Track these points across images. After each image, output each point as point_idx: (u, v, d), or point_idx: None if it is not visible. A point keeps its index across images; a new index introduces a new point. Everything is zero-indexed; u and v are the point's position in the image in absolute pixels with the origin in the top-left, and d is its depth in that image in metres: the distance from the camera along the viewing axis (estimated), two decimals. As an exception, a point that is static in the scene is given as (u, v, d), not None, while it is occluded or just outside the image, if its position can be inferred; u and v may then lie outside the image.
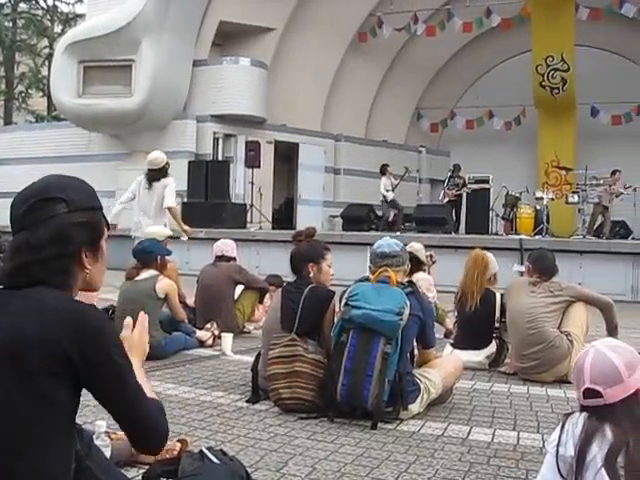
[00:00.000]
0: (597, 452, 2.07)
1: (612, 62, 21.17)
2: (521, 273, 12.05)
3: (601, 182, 15.47)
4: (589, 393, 2.17)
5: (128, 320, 2.10)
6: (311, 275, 4.57)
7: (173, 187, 8.41)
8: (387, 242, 4.32)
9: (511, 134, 22.14)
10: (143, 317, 2.14)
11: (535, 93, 19.22)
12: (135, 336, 2.07)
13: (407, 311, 3.95)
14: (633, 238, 15.28)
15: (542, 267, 5.46)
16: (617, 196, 15.54)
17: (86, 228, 1.84)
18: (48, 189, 1.84)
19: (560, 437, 2.19)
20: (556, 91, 18.78)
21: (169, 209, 8.41)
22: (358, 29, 20.46)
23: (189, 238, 9.18)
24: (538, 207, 15.76)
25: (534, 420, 4.27)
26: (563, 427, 2.20)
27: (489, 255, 5.90)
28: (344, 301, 4.08)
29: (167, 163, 8.49)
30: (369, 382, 3.88)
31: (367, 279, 4.21)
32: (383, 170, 16.76)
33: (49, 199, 1.81)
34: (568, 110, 19.48)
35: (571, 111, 19.68)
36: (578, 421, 2.18)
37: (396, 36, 20.47)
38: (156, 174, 8.35)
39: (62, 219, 1.79)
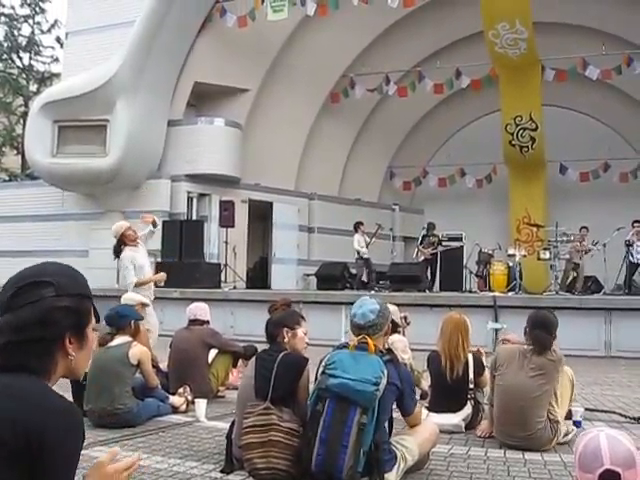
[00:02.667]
0: None
1: (579, 121, 21.77)
2: (496, 330, 12.19)
3: (571, 238, 15.69)
4: (608, 475, 2.13)
5: (115, 450, 1.99)
6: (286, 340, 4.55)
7: (125, 263, 8.03)
8: (362, 311, 4.21)
9: (483, 192, 22.49)
10: (134, 460, 1.96)
11: (505, 151, 19.58)
12: (109, 471, 1.87)
13: (384, 380, 3.92)
14: (605, 293, 15.42)
15: (535, 337, 5.19)
16: (586, 252, 15.76)
17: (72, 313, 1.82)
18: (39, 274, 1.83)
19: None
20: (525, 149, 19.16)
21: (136, 285, 8.02)
22: (331, 90, 20.81)
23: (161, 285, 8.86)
24: (511, 264, 15.90)
25: (512, 486, 4.24)
26: None
27: (465, 317, 5.90)
28: (321, 369, 4.05)
29: (124, 235, 8.14)
30: (344, 452, 3.83)
31: (345, 346, 4.19)
32: (356, 227, 16.88)
33: (38, 282, 1.80)
34: (538, 168, 19.85)
35: (541, 169, 20.05)
36: None
37: (368, 96, 20.86)
38: (114, 249, 8.22)
39: (48, 302, 1.78)
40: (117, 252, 8.20)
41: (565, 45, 18.87)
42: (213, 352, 7.09)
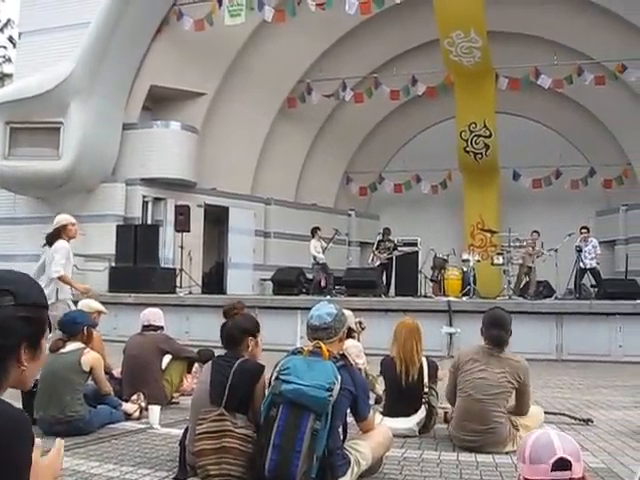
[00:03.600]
0: None
1: (532, 129, 22.17)
2: (450, 335, 12.35)
3: (524, 244, 15.98)
4: (561, 464, 2.19)
5: (60, 443, 1.98)
6: (249, 349, 4.55)
7: (63, 253, 7.65)
8: (319, 313, 4.27)
9: (438, 197, 22.73)
10: (61, 444, 1.98)
11: (460, 158, 19.84)
12: (44, 462, 1.85)
13: (338, 386, 3.93)
14: (556, 298, 15.70)
15: (492, 336, 5.32)
16: (538, 257, 16.06)
17: (30, 324, 1.78)
18: None
19: None
20: (479, 156, 19.43)
21: (59, 279, 7.62)
22: (288, 95, 20.83)
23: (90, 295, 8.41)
24: (465, 269, 16.11)
25: (464, 489, 4.30)
26: None
27: (418, 322, 5.97)
28: (275, 374, 4.05)
29: (66, 227, 7.81)
30: (297, 458, 3.83)
31: (299, 351, 4.20)
32: (313, 232, 16.91)
33: None
34: (491, 174, 20.15)
35: (494, 175, 20.35)
36: None
37: (325, 102, 20.93)
38: (50, 236, 7.85)
39: (7, 311, 1.74)
40: (51, 241, 7.80)
41: (518, 54, 19.20)
42: (167, 358, 7.04)
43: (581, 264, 15.95)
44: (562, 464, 2.19)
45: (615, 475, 4.56)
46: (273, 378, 4.05)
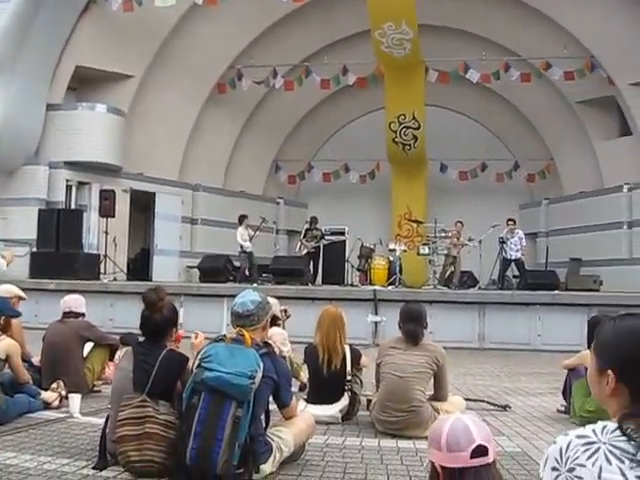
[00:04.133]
0: None
1: (460, 122, 22.55)
2: (376, 323, 12.48)
3: (449, 234, 16.26)
4: (479, 450, 2.23)
5: None
6: (173, 339, 4.52)
7: None
8: (242, 301, 4.27)
9: (366, 187, 22.91)
10: None
11: (388, 149, 20.03)
12: None
13: (260, 374, 3.94)
14: (480, 288, 16.05)
15: (407, 331, 5.50)
16: (462, 247, 16.39)
17: None
18: None
19: None
20: (408, 147, 19.67)
21: None
22: (218, 80, 20.61)
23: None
24: (391, 258, 16.30)
25: (384, 473, 4.35)
26: None
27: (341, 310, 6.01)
28: (197, 362, 4.02)
29: None
30: (219, 446, 3.82)
31: (222, 339, 4.18)
32: (240, 220, 16.80)
33: None
34: (419, 165, 20.42)
35: (422, 166, 20.63)
36: None
37: (255, 89, 20.81)
38: None
39: None
40: None
41: (448, 48, 19.49)
42: (89, 346, 6.90)
43: (506, 255, 16.33)
44: (480, 451, 2.23)
45: (529, 458, 4.72)
46: (195, 366, 4.02)
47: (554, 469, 1.85)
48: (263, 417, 4.16)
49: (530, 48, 19.66)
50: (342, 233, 18.00)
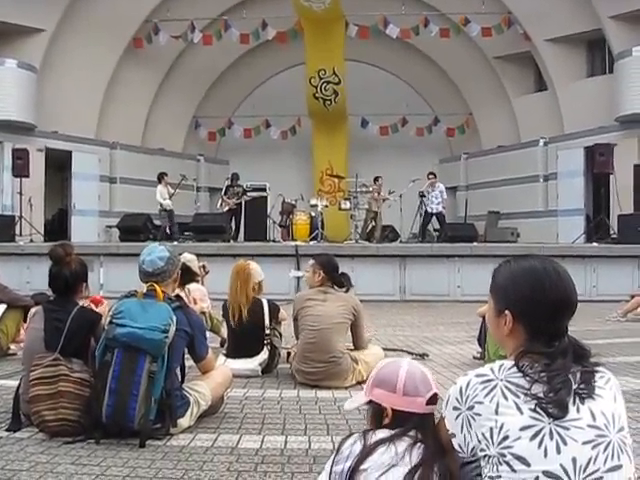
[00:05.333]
0: (402, 457, 2.12)
1: (380, 77, 22.58)
2: (298, 279, 12.53)
3: (370, 189, 16.38)
4: (434, 398, 2.30)
5: None
6: (84, 295, 4.42)
7: None
8: (150, 258, 4.19)
9: (287, 143, 22.80)
10: None
11: (309, 104, 19.94)
12: None
13: (173, 328, 3.91)
14: (401, 241, 16.28)
15: (336, 278, 5.66)
16: (384, 201, 16.54)
17: None
18: None
19: (335, 457, 2.22)
20: (328, 102, 19.62)
21: None
22: (134, 34, 20.02)
23: None
24: (313, 214, 16.34)
25: (302, 423, 4.41)
26: (339, 448, 2.23)
27: (252, 265, 5.99)
28: (109, 319, 3.95)
29: None
30: (135, 401, 3.80)
31: (133, 294, 4.11)
32: (160, 178, 16.50)
33: None
34: (340, 121, 20.42)
35: (343, 122, 20.64)
36: (358, 441, 2.21)
37: (173, 43, 20.32)
38: None
39: None
40: None
41: (368, 3, 19.36)
42: (2, 308, 6.70)
43: (427, 209, 16.58)
44: (434, 399, 2.29)
45: (442, 401, 4.83)
46: (107, 322, 3.95)
47: (455, 408, 1.91)
48: (179, 371, 4.14)
49: (449, 3, 19.77)
50: (263, 189, 17.91)
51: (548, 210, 19.31)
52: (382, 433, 2.22)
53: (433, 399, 2.29)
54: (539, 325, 1.88)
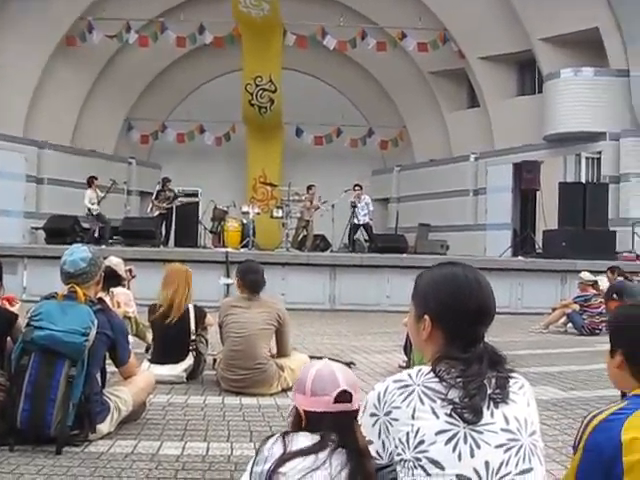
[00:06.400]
0: (322, 463, 2.09)
1: (316, 87, 22.66)
2: (227, 285, 12.44)
3: (302, 198, 16.42)
4: (343, 396, 2.21)
5: None
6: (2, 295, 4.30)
7: None
8: (72, 259, 4.08)
9: (221, 149, 22.68)
10: None
11: (244, 111, 19.89)
12: None
13: (94, 331, 3.82)
14: (332, 251, 16.35)
15: (250, 281, 5.56)
16: (316, 210, 16.59)
17: None
18: None
19: (256, 457, 2.18)
20: (264, 110, 19.61)
21: None
22: (66, 32, 19.59)
23: None
24: (245, 221, 16.26)
25: (225, 430, 4.38)
26: (259, 449, 2.20)
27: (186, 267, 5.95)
28: (26, 321, 3.84)
29: None
30: (52, 407, 3.70)
31: (53, 296, 4.00)
32: (89, 182, 16.14)
33: None
34: (275, 129, 20.41)
35: (278, 130, 20.64)
36: (278, 442, 2.18)
37: (107, 43, 19.97)
38: None
39: None
40: None
41: (307, 12, 19.48)
42: None
43: (355, 220, 16.70)
44: (344, 397, 2.22)
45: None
46: (24, 325, 3.83)
47: (373, 415, 1.91)
48: (99, 376, 4.04)
49: (386, 17, 20.03)
50: (195, 195, 17.77)
51: (477, 224, 19.72)
52: (301, 436, 2.20)
53: (342, 397, 2.24)
54: (457, 331, 1.90)
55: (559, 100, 17.37)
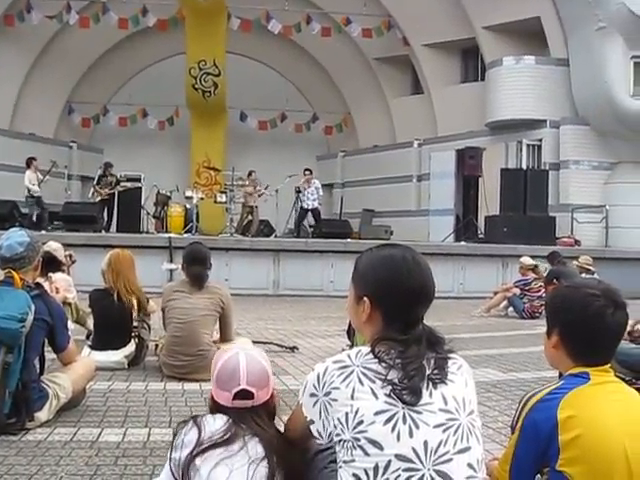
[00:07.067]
0: (238, 450, 2.12)
1: (261, 72, 22.54)
2: (171, 271, 12.31)
3: (246, 183, 16.33)
4: (243, 393, 2.21)
5: None
6: None
7: None
8: (9, 243, 3.95)
9: (165, 134, 22.40)
10: None
11: (188, 95, 19.67)
12: None
13: (31, 316, 3.72)
14: (276, 236, 16.32)
15: (192, 275, 5.44)
16: (259, 196, 16.52)
17: None
18: None
19: (173, 443, 2.19)
20: (208, 94, 19.42)
21: None
22: (4, 11, 19.03)
23: None
24: (188, 206, 16.11)
25: (167, 415, 4.34)
26: (176, 435, 2.21)
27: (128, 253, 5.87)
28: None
29: None
30: (-13, 395, 3.60)
31: (-10, 281, 3.89)
32: (28, 163, 15.71)
33: None
34: (219, 113, 20.24)
35: (222, 114, 20.47)
36: (193, 427, 2.19)
37: (47, 23, 19.47)
38: None
39: None
40: None
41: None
42: None
43: (303, 205, 16.69)
44: (244, 394, 2.23)
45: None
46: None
47: (312, 395, 1.91)
48: (37, 362, 3.96)
49: (331, 3, 20.01)
50: (138, 179, 17.46)
51: (420, 209, 19.94)
52: (216, 418, 2.22)
53: (241, 394, 2.24)
54: (395, 312, 1.91)
55: (501, 88, 17.65)
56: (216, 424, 2.19)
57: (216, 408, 2.29)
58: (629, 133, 16.36)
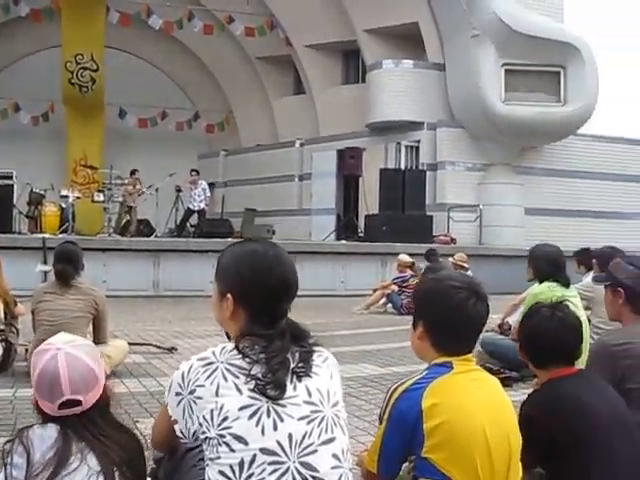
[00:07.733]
0: (78, 464, 1.93)
1: (141, 68, 22.12)
2: (45, 273, 11.84)
3: (125, 182, 15.95)
4: (70, 403, 2.00)
5: None
6: None
7: None
8: None
9: (38, 129, 21.56)
10: None
11: (64, 90, 19.06)
12: None
13: None
14: (156, 236, 16.01)
15: (57, 271, 5.32)
16: (139, 195, 16.17)
17: None
18: None
19: (5, 462, 1.93)
20: (85, 90, 18.89)
21: None
22: None
23: None
24: (64, 205, 15.54)
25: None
26: (11, 452, 1.94)
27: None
28: None
29: None
30: None
31: None
32: None
33: None
34: (97, 110, 19.70)
35: (100, 111, 19.94)
36: (19, 446, 1.95)
37: None
38: None
39: None
40: None
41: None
42: None
43: (190, 205, 16.49)
44: (70, 404, 2.01)
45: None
46: None
47: (177, 394, 1.89)
48: None
49: (214, 0, 19.83)
50: (9, 177, 16.65)
51: (302, 209, 20.08)
52: (44, 429, 1.99)
53: (67, 404, 2.00)
54: (259, 307, 1.91)
55: (381, 90, 18.01)
56: (46, 440, 1.96)
57: (43, 416, 2.05)
58: (500, 136, 17.07)
